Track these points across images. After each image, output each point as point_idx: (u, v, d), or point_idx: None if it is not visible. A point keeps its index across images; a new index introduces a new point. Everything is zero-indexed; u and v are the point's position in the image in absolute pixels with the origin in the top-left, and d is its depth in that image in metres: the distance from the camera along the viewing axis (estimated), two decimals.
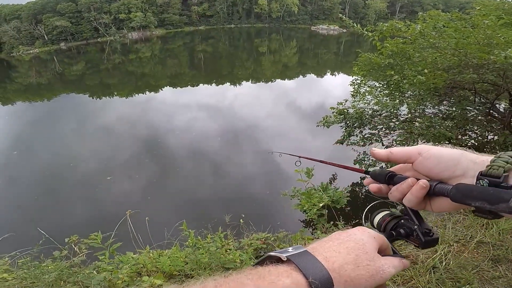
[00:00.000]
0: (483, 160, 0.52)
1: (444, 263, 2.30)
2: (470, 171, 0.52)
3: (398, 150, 0.61)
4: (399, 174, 0.63)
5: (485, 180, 0.48)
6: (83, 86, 30.05)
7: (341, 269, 0.44)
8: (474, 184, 0.50)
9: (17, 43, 59.67)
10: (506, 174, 0.47)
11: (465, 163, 0.54)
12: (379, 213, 0.67)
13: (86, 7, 62.96)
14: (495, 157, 0.50)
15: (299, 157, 1.43)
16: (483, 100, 6.15)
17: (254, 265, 0.47)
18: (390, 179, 0.64)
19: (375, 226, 0.66)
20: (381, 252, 0.52)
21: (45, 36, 61.25)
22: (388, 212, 0.66)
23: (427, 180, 0.56)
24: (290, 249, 0.46)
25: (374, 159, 5.73)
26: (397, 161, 0.63)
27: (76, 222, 7.94)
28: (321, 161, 1.06)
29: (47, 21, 60.34)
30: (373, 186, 0.66)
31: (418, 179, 0.57)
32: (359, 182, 8.67)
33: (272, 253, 0.46)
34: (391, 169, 0.67)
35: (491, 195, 0.45)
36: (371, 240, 0.51)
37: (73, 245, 2.74)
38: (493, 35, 3.94)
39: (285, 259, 0.44)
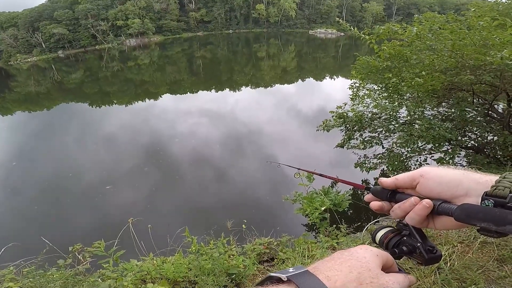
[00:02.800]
0: (487, 180, 0.53)
1: (449, 264, 2.30)
2: (473, 191, 0.53)
3: (403, 176, 0.62)
4: (401, 192, 0.64)
5: (491, 200, 0.48)
6: (82, 94, 30.08)
7: (343, 287, 0.44)
8: (479, 204, 0.50)
9: (15, 52, 59.82)
10: None
11: (467, 183, 0.54)
12: (381, 229, 0.66)
13: (83, 14, 63.08)
14: (500, 177, 0.51)
15: (298, 169, 1.44)
16: (481, 101, 6.17)
17: (254, 286, 0.47)
18: (392, 196, 0.64)
19: (377, 242, 0.65)
20: (386, 269, 0.52)
21: (43, 44, 61.39)
22: (391, 228, 0.65)
23: (431, 199, 0.56)
24: (290, 269, 0.46)
25: (375, 162, 5.75)
26: (403, 186, 0.63)
27: (77, 231, 7.92)
28: (320, 175, 1.07)
29: (44, 28, 60.44)
30: (374, 204, 0.66)
31: (421, 198, 0.58)
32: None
33: (272, 274, 0.47)
34: None
35: (498, 216, 0.45)
36: (374, 258, 0.51)
37: (76, 253, 2.74)
38: (488, 36, 3.97)
39: (286, 279, 0.44)
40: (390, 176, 0.66)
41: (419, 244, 0.58)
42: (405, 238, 0.62)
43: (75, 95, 30.11)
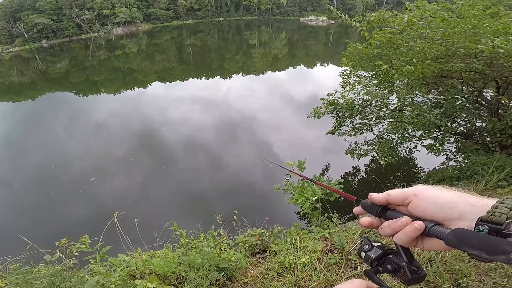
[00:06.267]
0: (483, 204, 0.51)
1: (440, 255, 2.32)
2: (468, 214, 0.51)
3: (395, 192, 0.61)
4: (393, 209, 0.62)
5: (485, 226, 0.46)
6: (68, 84, 29.27)
7: None
8: (473, 229, 0.48)
9: None
10: (509, 221, 0.45)
11: (462, 206, 0.52)
12: (366, 245, 0.66)
13: (67, 4, 60.53)
14: (497, 202, 0.49)
15: (289, 171, 1.44)
16: (470, 89, 6.22)
17: None
18: (382, 212, 0.62)
19: (362, 258, 0.65)
20: None
21: (25, 34, 59.12)
22: (378, 245, 0.65)
23: (422, 220, 0.55)
24: None
25: (365, 148, 5.74)
26: (395, 202, 0.61)
27: (62, 225, 7.81)
28: (311, 180, 1.07)
29: (26, 18, 58.03)
30: (364, 221, 0.65)
31: (413, 218, 0.56)
32: (352, 171, 8.74)
33: None
34: None
35: (492, 245, 0.43)
36: None
37: (57, 251, 2.67)
38: (479, 25, 3.95)
39: None
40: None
41: (404, 264, 0.57)
42: (390, 256, 0.61)
43: (61, 85, 29.32)
